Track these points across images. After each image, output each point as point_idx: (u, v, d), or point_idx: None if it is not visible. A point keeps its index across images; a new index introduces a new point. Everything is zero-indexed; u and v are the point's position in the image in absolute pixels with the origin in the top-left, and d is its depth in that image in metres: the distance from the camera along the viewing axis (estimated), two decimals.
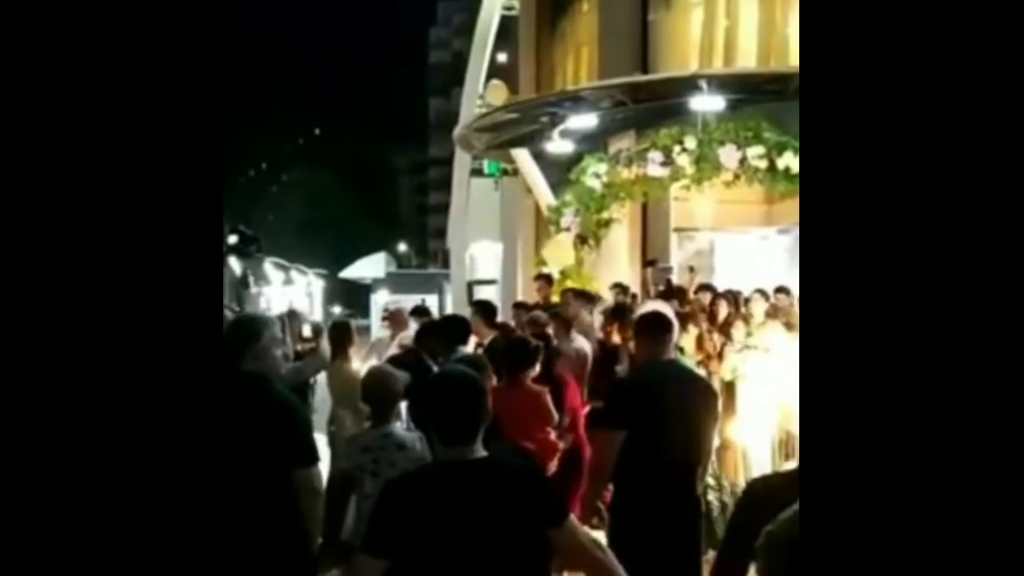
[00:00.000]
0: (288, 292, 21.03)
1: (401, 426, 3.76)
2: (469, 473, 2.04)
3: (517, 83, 13.31)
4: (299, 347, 5.55)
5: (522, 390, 4.33)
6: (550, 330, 5.53)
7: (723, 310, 6.55)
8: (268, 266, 22.58)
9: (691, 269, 8.91)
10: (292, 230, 44.39)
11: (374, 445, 3.49)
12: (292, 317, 5.91)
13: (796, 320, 6.54)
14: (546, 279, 8.08)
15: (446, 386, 2.16)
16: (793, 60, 9.41)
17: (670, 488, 3.35)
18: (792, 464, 5.17)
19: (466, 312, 6.45)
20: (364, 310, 23.15)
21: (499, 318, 6.39)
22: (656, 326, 3.61)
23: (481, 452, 2.08)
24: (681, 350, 4.87)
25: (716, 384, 5.20)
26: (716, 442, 4.99)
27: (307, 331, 5.56)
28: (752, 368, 5.68)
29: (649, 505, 3.32)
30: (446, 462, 2.09)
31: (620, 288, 7.48)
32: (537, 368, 4.50)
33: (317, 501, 2.87)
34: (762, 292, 6.86)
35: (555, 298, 7.85)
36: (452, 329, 4.90)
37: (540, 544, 2.05)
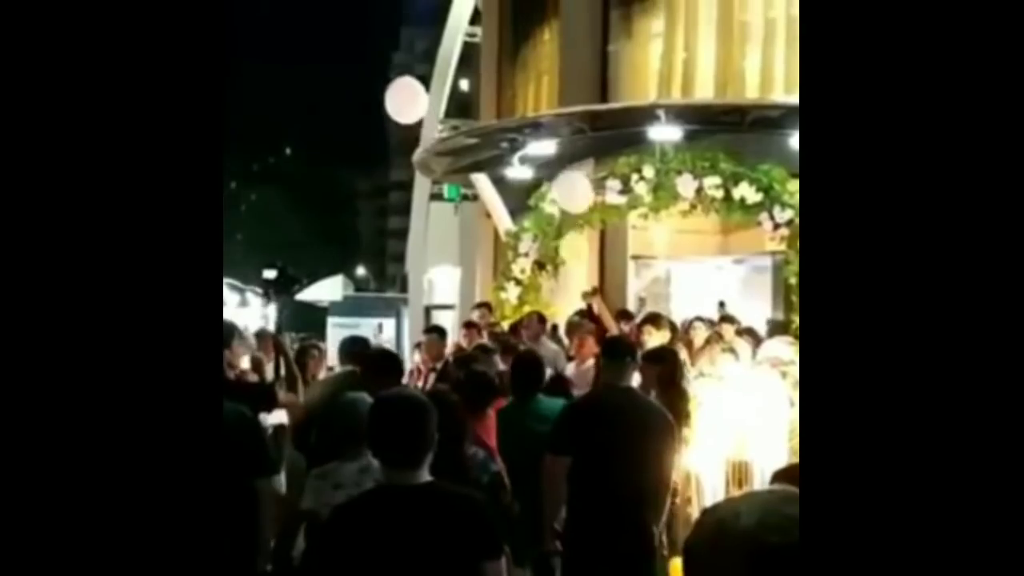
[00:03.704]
0: (242, 315, 20.69)
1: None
2: (411, 498, 2.03)
3: (478, 109, 13.35)
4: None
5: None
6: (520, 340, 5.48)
7: (655, 340, 6.42)
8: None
9: (642, 301, 8.91)
10: (249, 251, 43.82)
11: (348, 481, 3.08)
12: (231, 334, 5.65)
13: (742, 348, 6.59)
14: (486, 307, 8.08)
15: (389, 408, 2.15)
16: (750, 92, 9.58)
17: (618, 519, 3.32)
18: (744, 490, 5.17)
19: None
20: (320, 333, 22.90)
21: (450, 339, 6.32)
22: (616, 351, 3.60)
23: (426, 477, 2.06)
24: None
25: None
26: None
27: (245, 362, 5.00)
28: (707, 396, 5.70)
29: (596, 535, 3.28)
30: (389, 486, 2.08)
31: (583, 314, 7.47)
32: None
33: (276, 508, 3.01)
34: (702, 319, 6.89)
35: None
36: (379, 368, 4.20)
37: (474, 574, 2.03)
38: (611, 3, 10.59)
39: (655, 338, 6.31)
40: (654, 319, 6.75)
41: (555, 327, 7.70)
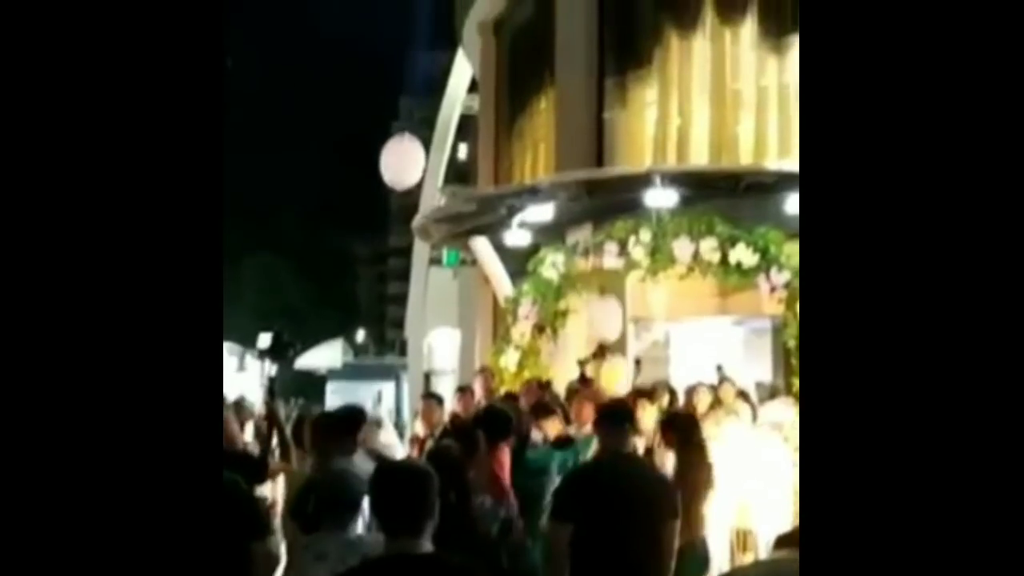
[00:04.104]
0: (239, 379, 20.56)
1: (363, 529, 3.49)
2: (412, 569, 2.01)
3: (476, 177, 13.54)
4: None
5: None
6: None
7: (648, 414, 6.29)
8: None
9: (637, 363, 8.90)
10: (249, 316, 43.75)
11: (332, 554, 3.06)
12: (238, 408, 5.70)
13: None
14: (488, 371, 8.07)
15: (390, 476, 2.16)
16: (743, 158, 9.73)
17: None
18: (749, 557, 5.10)
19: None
20: (319, 398, 22.74)
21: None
22: (616, 417, 3.58)
23: (428, 547, 2.05)
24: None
25: None
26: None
27: (249, 433, 4.97)
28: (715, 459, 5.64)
29: None
30: (389, 556, 2.07)
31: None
32: None
33: (269, 566, 3.16)
34: (704, 384, 6.88)
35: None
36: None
37: None
38: (606, 72, 10.83)
39: (649, 413, 6.21)
40: (648, 393, 6.65)
41: (549, 382, 7.68)
